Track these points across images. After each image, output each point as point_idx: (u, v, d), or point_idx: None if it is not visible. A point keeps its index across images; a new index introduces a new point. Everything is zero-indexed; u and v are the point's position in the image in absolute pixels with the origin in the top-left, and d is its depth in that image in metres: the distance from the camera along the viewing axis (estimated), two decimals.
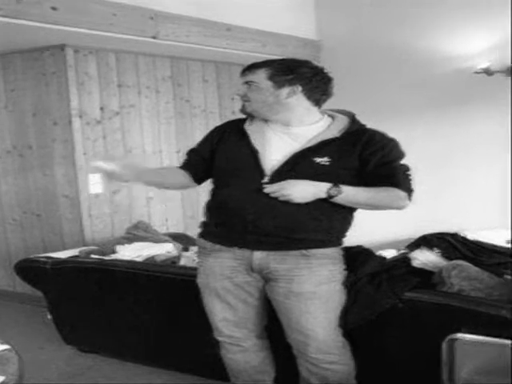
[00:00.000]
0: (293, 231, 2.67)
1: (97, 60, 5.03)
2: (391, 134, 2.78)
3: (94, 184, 5.00)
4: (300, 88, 2.71)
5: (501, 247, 3.24)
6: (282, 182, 2.61)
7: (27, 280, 4.28)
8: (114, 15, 4.33)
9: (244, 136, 2.80)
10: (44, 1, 3.92)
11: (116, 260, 4.04)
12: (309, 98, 2.75)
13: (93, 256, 4.16)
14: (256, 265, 2.74)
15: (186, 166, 2.98)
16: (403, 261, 3.16)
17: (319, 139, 2.70)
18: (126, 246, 4.30)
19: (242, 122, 2.88)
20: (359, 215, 2.84)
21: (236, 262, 2.77)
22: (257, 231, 2.68)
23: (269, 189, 2.62)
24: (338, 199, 2.63)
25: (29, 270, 4.21)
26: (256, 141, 2.76)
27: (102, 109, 5.06)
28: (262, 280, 2.81)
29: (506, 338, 2.54)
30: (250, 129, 2.81)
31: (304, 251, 2.69)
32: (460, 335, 2.64)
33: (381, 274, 3.01)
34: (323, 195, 2.61)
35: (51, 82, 4.90)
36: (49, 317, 4.20)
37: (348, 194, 2.63)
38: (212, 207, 2.88)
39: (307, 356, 2.78)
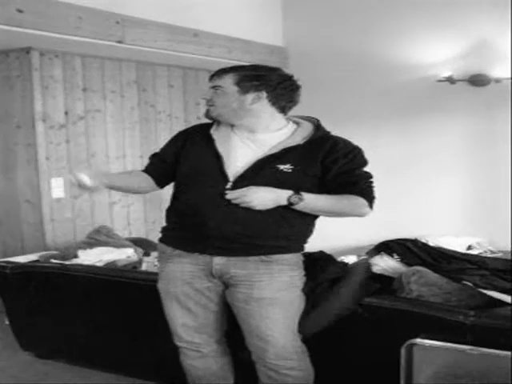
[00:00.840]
0: (253, 237, 2.67)
1: (62, 64, 4.98)
2: (356, 141, 2.80)
3: (56, 188, 4.95)
4: (265, 94, 2.72)
5: (460, 253, 3.26)
6: (244, 189, 2.61)
7: None
8: (81, 19, 4.30)
9: (209, 141, 2.79)
10: (10, 3, 3.87)
11: (77, 265, 3.99)
12: (273, 104, 2.75)
13: (53, 261, 4.11)
14: (216, 270, 2.73)
15: (149, 170, 2.97)
16: (364, 267, 3.17)
17: (282, 146, 2.71)
18: (88, 250, 4.25)
19: (208, 126, 2.87)
20: (321, 221, 2.84)
21: (196, 267, 2.76)
22: (217, 237, 2.68)
23: (230, 195, 2.62)
24: (299, 206, 2.64)
25: None
26: (221, 146, 2.75)
27: (66, 113, 5.01)
28: (222, 285, 2.80)
29: (464, 343, 2.56)
30: (216, 134, 2.81)
31: (264, 257, 2.69)
32: (419, 340, 2.64)
33: (341, 280, 3.01)
34: (284, 202, 2.62)
35: (15, 85, 4.84)
36: (6, 322, 4.13)
37: (309, 201, 2.64)
38: (173, 211, 2.87)
39: (266, 362, 2.77)
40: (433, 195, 5.62)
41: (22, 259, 4.19)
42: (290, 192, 2.61)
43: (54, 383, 3.82)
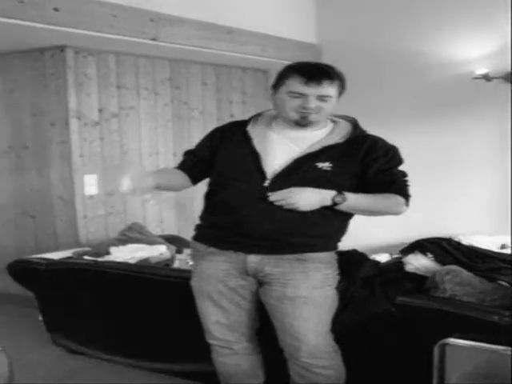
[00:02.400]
0: (289, 235, 2.66)
1: (96, 61, 5.02)
2: (389, 139, 2.79)
3: (89, 185, 4.99)
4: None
5: (494, 252, 3.23)
6: (286, 190, 2.58)
7: (20, 281, 4.27)
8: (115, 17, 4.32)
9: (246, 138, 2.78)
10: (46, 2, 3.91)
11: (109, 261, 4.03)
12: None
13: (86, 257, 4.15)
14: (251, 268, 2.73)
15: (183, 167, 2.95)
16: (397, 265, 3.14)
17: (322, 144, 2.70)
18: (120, 247, 4.28)
19: (243, 124, 2.86)
20: (353, 219, 2.83)
21: (230, 265, 2.76)
22: (253, 235, 2.67)
23: (274, 197, 2.60)
24: (342, 206, 2.62)
25: (22, 271, 4.20)
26: (258, 144, 2.74)
27: (100, 110, 5.05)
28: (256, 283, 2.80)
29: (497, 343, 2.53)
30: (253, 131, 2.80)
31: (299, 255, 2.68)
32: (451, 340, 2.63)
33: (374, 279, 2.99)
34: (329, 203, 2.60)
35: (50, 82, 4.89)
36: (40, 318, 4.18)
37: (351, 201, 2.62)
38: (208, 209, 2.87)
39: (298, 360, 2.76)
40: (466, 193, 5.55)
41: (55, 256, 4.24)
42: (333, 192, 2.59)
43: (86, 379, 3.85)
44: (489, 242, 4.02)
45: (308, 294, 2.69)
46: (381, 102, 5.85)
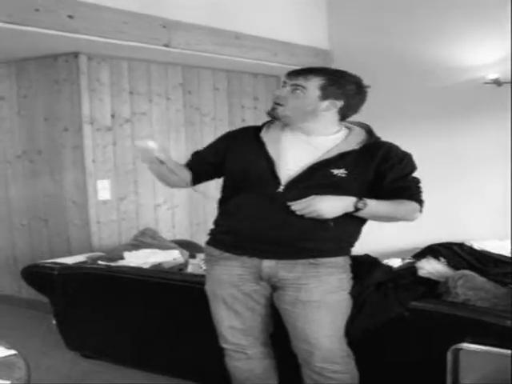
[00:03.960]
0: (303, 240, 2.66)
1: (109, 67, 5.05)
2: (402, 144, 2.79)
3: (102, 190, 5.02)
4: (341, 103, 2.71)
5: (506, 257, 3.23)
6: (308, 199, 2.57)
7: (34, 285, 4.30)
8: (127, 23, 4.35)
9: (260, 144, 2.77)
10: (61, 9, 3.94)
11: (123, 266, 4.04)
12: (340, 112, 2.74)
13: (100, 262, 4.17)
14: (265, 273, 2.74)
15: (188, 165, 2.97)
16: (409, 270, 3.16)
17: (338, 151, 2.69)
18: (133, 252, 4.30)
19: (256, 129, 2.86)
20: (365, 224, 2.83)
21: (244, 270, 2.76)
22: (267, 240, 2.68)
23: (296, 206, 2.59)
24: (362, 213, 2.63)
25: (36, 275, 4.22)
26: (272, 149, 2.74)
27: (113, 116, 5.08)
28: (270, 288, 2.80)
29: (511, 348, 2.53)
30: (266, 137, 2.79)
31: (312, 260, 2.69)
32: (465, 345, 2.63)
33: (387, 283, 3.00)
34: (351, 209, 2.60)
35: (63, 88, 4.92)
36: (53, 322, 4.20)
37: (371, 207, 2.62)
38: (222, 214, 2.87)
39: (312, 365, 2.76)
40: (477, 197, 5.54)
41: (69, 260, 4.25)
42: (354, 198, 2.59)
43: (99, 382, 3.87)
44: (501, 247, 4.02)
45: (321, 299, 2.69)
46: (393, 106, 5.85)
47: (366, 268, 3.03)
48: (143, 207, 5.38)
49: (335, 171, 2.65)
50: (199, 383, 3.70)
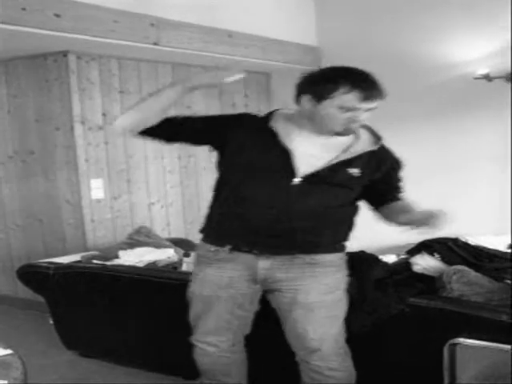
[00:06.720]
0: (304, 232, 2.66)
1: (99, 66, 5.06)
2: (393, 141, 2.83)
3: (96, 189, 5.03)
4: None
5: (501, 252, 3.24)
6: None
7: (29, 285, 4.31)
8: (116, 22, 4.35)
9: (272, 134, 2.69)
10: (47, 8, 3.94)
11: (118, 265, 4.05)
12: None
13: (95, 261, 4.17)
14: (261, 274, 2.74)
15: (172, 119, 2.83)
16: (404, 266, 3.17)
17: (354, 151, 2.69)
18: (128, 251, 4.30)
19: (263, 119, 2.77)
20: (358, 220, 2.86)
21: (237, 272, 2.75)
22: (273, 233, 2.66)
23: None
24: None
25: (31, 275, 4.23)
26: (287, 142, 2.67)
27: (104, 115, 5.08)
28: (261, 291, 2.82)
29: (506, 343, 2.55)
30: (278, 127, 2.70)
31: (310, 258, 2.70)
32: (461, 340, 2.65)
33: (386, 280, 3.02)
34: None
35: (54, 88, 4.92)
36: (50, 322, 4.21)
37: None
38: (221, 205, 2.79)
39: (309, 363, 2.79)
40: (471, 193, 5.57)
41: (64, 260, 4.26)
42: None
43: (98, 382, 3.88)
44: (496, 242, 4.04)
45: (318, 299, 2.71)
46: (382, 103, 5.85)
47: (364, 265, 3.06)
48: (137, 205, 5.39)
49: (351, 170, 2.67)
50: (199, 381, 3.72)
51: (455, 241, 3.23)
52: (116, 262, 4.16)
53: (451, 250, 3.13)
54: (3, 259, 5.52)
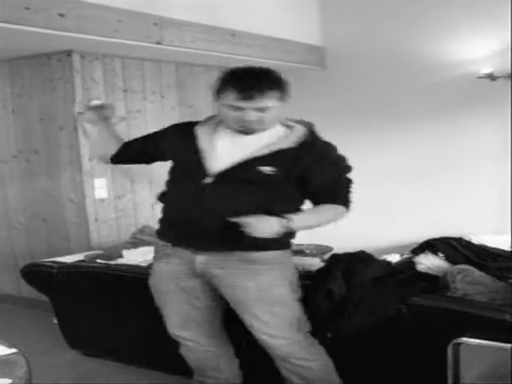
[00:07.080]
0: (233, 232, 2.65)
1: (103, 66, 5.06)
2: (395, 140, 2.81)
3: (100, 189, 5.03)
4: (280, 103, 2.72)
5: (505, 251, 3.25)
6: (252, 219, 2.60)
7: (33, 284, 4.31)
8: (120, 21, 4.35)
9: (192, 137, 2.82)
10: (51, 7, 3.94)
11: (122, 265, 4.05)
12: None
13: (99, 261, 4.17)
14: (199, 268, 2.82)
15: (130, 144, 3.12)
16: (408, 265, 3.17)
17: (271, 148, 2.71)
18: (132, 250, 4.31)
19: (192, 124, 2.91)
20: (362, 220, 2.85)
21: (182, 266, 2.85)
22: (200, 231, 2.72)
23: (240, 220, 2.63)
24: (292, 229, 2.70)
25: (35, 274, 4.23)
26: (203, 142, 2.78)
27: None
28: (207, 284, 2.87)
29: (510, 342, 2.55)
30: (201, 131, 2.83)
31: (245, 255, 2.73)
32: (464, 339, 2.65)
33: (385, 279, 3.02)
34: (281, 229, 2.64)
35: (58, 87, 4.93)
36: (54, 321, 4.22)
37: (297, 222, 2.69)
38: (163, 206, 2.95)
39: (275, 355, 2.87)
40: (476, 192, 5.56)
41: (68, 259, 4.27)
42: (283, 220, 2.64)
43: (101, 381, 3.89)
44: (499, 242, 4.03)
45: (256, 296, 2.76)
46: (386, 102, 5.86)
47: (360, 264, 3.06)
48: (140, 205, 5.39)
49: (262, 168, 2.67)
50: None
51: (459, 240, 3.23)
52: (120, 261, 4.17)
53: (455, 249, 3.13)
54: (7, 258, 5.53)
